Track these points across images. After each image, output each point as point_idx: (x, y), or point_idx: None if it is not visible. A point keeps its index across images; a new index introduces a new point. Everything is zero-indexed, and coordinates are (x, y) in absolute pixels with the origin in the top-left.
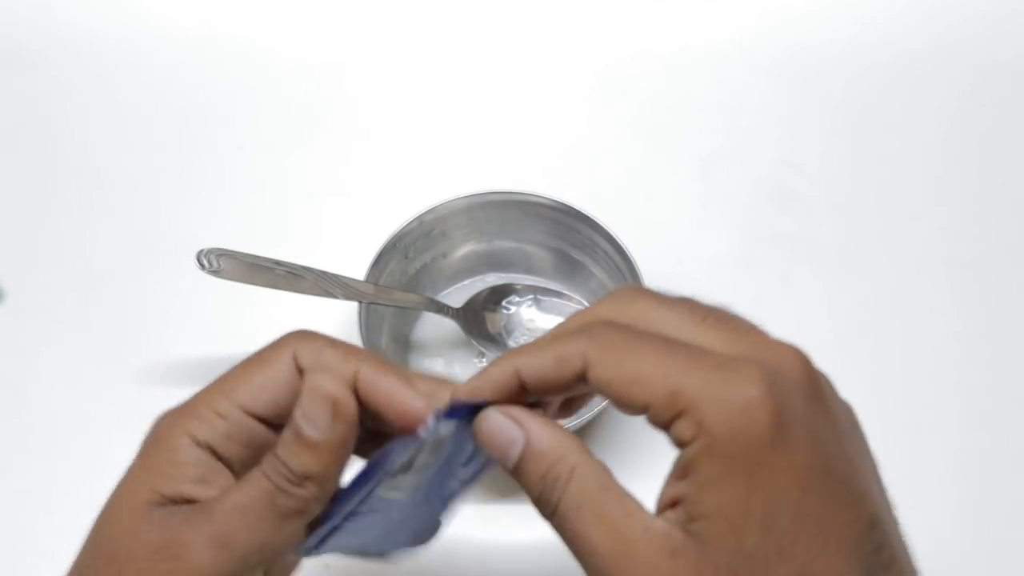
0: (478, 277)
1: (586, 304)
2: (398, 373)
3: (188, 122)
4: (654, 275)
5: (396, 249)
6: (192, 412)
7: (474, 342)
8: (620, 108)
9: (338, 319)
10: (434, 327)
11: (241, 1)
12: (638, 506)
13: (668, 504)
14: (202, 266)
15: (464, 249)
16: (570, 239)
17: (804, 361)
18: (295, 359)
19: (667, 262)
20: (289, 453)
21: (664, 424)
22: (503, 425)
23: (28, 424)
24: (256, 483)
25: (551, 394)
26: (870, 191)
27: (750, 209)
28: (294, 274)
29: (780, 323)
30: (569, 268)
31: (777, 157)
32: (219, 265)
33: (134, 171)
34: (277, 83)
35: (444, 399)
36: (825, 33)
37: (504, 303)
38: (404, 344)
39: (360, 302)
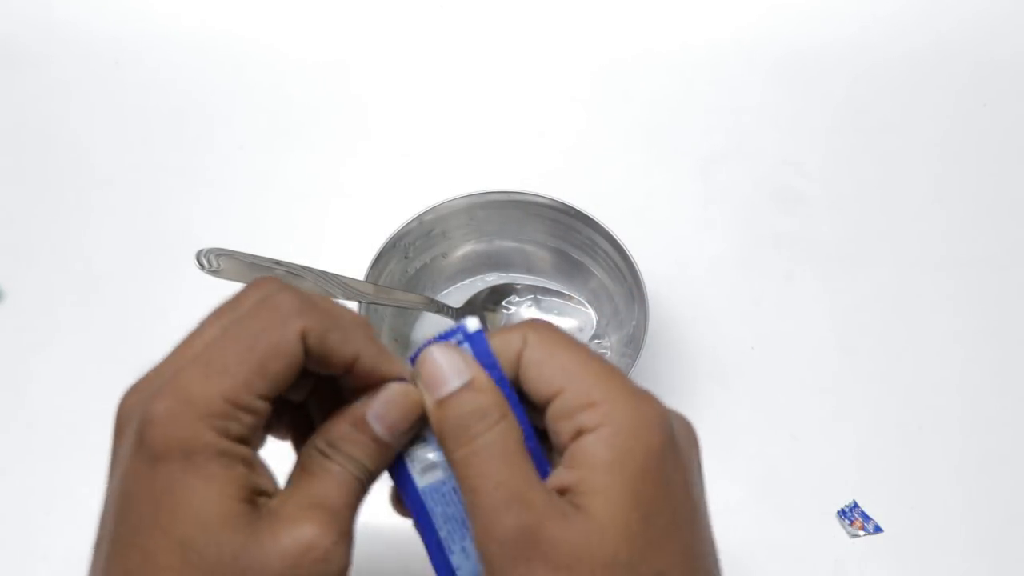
0: (478, 277)
1: (586, 304)
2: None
3: (188, 122)
4: (654, 275)
5: (396, 249)
6: (208, 404)
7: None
8: (620, 108)
9: None
10: (434, 327)
11: (242, 2)
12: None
13: (561, 487)
14: (202, 266)
15: (464, 249)
16: (570, 239)
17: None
18: (303, 339)
19: (667, 262)
20: (365, 455)
21: (568, 411)
22: (454, 358)
23: (28, 424)
24: (345, 480)
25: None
26: (871, 191)
27: (751, 209)
28: (294, 274)
29: (781, 323)
30: (569, 268)
31: (778, 157)
32: (219, 265)
33: (134, 171)
34: (277, 83)
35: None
36: (825, 33)
37: (504, 303)
38: (404, 344)
39: (360, 302)
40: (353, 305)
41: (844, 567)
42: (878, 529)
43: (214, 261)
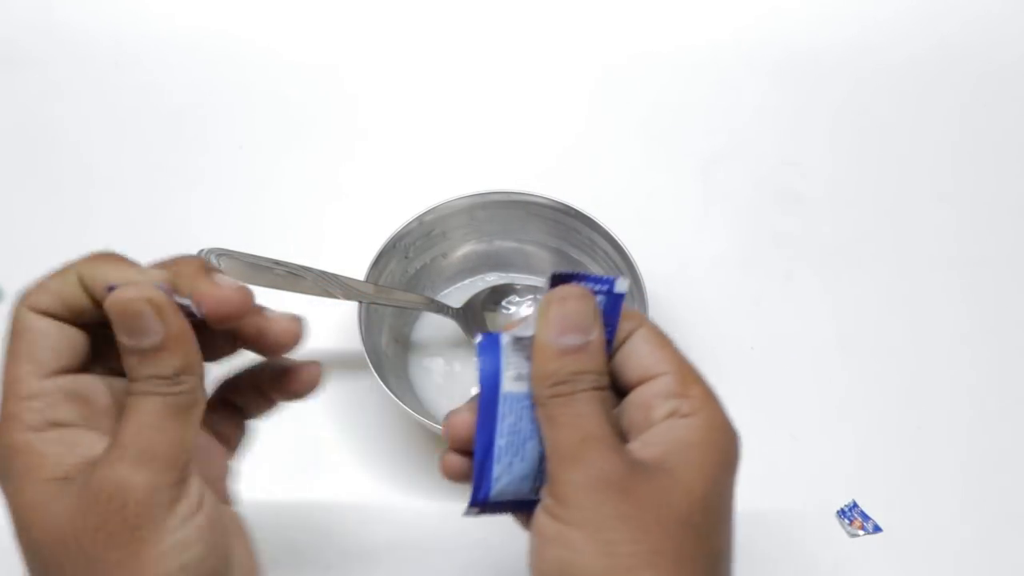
0: (478, 277)
1: None
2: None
3: (188, 122)
4: (655, 275)
5: (396, 249)
6: (6, 417)
7: (474, 342)
8: (621, 108)
9: (338, 319)
10: (434, 327)
11: (241, 2)
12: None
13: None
14: None
15: (464, 249)
16: (570, 239)
17: None
18: (40, 313)
19: (668, 262)
20: (151, 367)
21: (668, 394)
22: (587, 310)
23: None
24: (141, 403)
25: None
26: (871, 191)
27: (751, 209)
28: (294, 274)
29: (781, 322)
30: (569, 268)
31: (778, 157)
32: (219, 265)
33: (134, 171)
34: (277, 83)
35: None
36: (826, 35)
37: (504, 303)
38: (404, 344)
39: (360, 302)
40: (353, 305)
41: (843, 567)
42: (877, 529)
43: (214, 261)
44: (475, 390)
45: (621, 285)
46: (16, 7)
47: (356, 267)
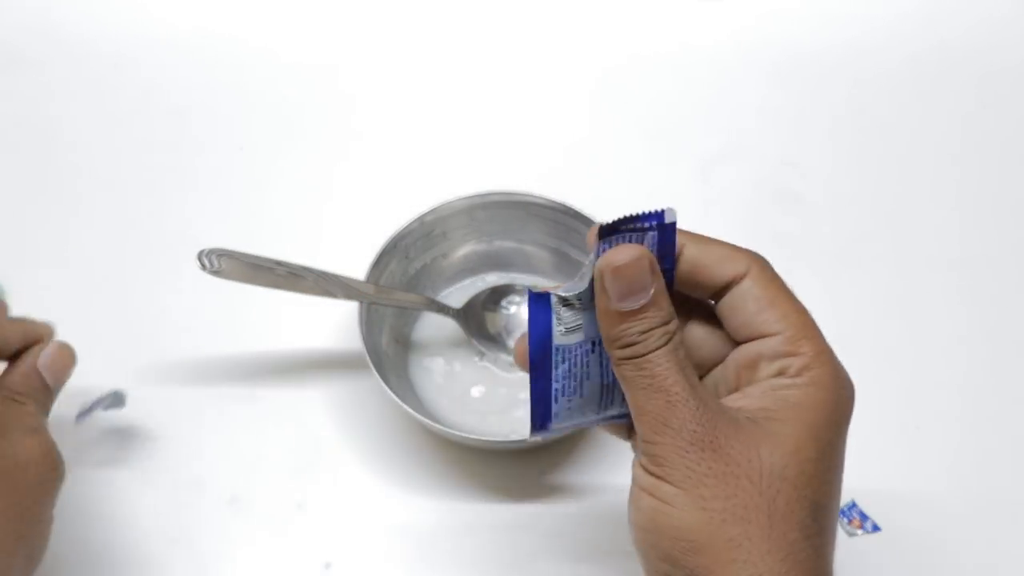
0: (478, 277)
1: None
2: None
3: (188, 123)
4: None
5: (397, 249)
6: None
7: (474, 342)
8: (621, 108)
9: (338, 319)
10: (434, 327)
11: (242, 4)
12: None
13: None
14: (203, 266)
15: (464, 249)
16: (570, 239)
17: None
18: None
19: None
20: (26, 388)
21: (776, 353)
22: (644, 268)
23: None
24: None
25: (690, 287)
26: (870, 192)
27: (751, 209)
28: (294, 274)
29: None
30: (569, 268)
31: (778, 158)
32: (219, 265)
33: (134, 172)
34: (278, 84)
35: None
36: (826, 36)
37: (504, 303)
38: (404, 344)
39: (360, 302)
40: (354, 305)
41: (842, 566)
42: (876, 528)
43: (215, 261)
44: (476, 390)
45: (670, 215)
46: (15, 9)
47: (356, 267)
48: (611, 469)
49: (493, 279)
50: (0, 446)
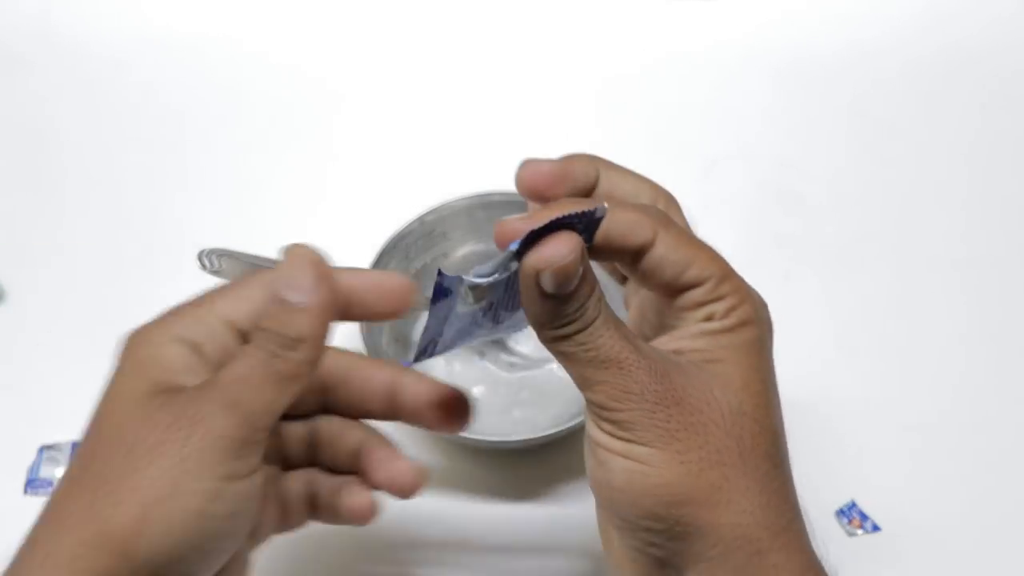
0: None
1: None
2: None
3: (188, 123)
4: None
5: (397, 249)
6: (172, 319)
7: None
8: (625, 111)
9: None
10: None
11: (238, 6)
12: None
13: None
14: (203, 266)
15: (464, 249)
16: None
17: None
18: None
19: None
20: (279, 323)
21: (702, 301)
22: (579, 260)
23: (28, 424)
24: (253, 354)
25: (606, 253)
26: (872, 193)
27: (754, 211)
28: None
29: (782, 322)
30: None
31: (780, 159)
32: (220, 265)
33: (134, 172)
34: (278, 84)
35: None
36: (828, 39)
37: None
38: (404, 344)
39: None
40: None
41: (843, 566)
42: (876, 528)
43: (215, 261)
44: (477, 389)
45: (601, 211)
46: (15, 10)
47: (356, 267)
48: None
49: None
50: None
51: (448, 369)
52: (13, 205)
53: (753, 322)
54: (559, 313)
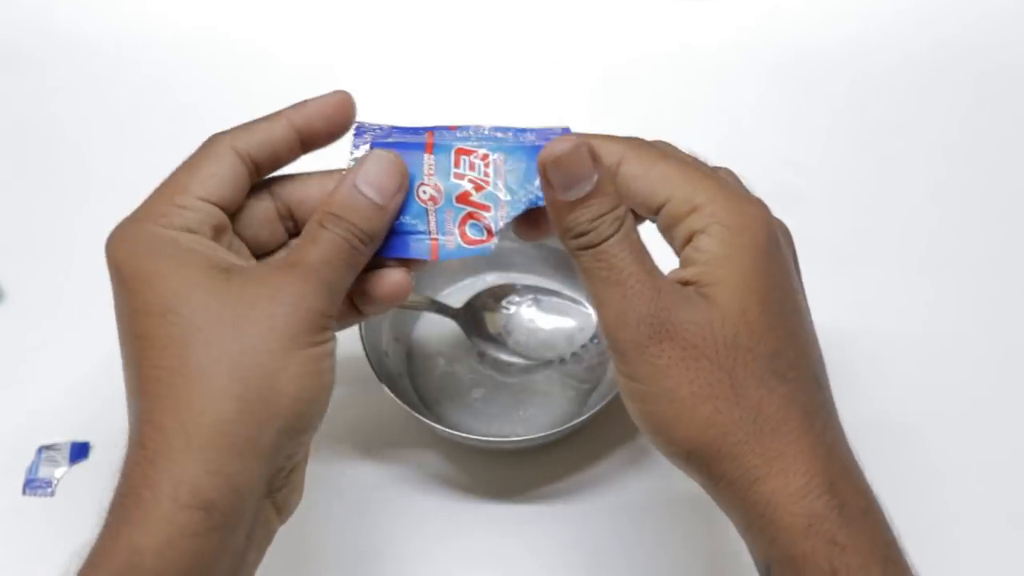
0: (478, 277)
1: (586, 304)
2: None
3: (188, 122)
4: None
5: None
6: (153, 212)
7: (474, 342)
8: (620, 107)
9: None
10: (434, 327)
11: (242, 4)
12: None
13: (684, 279)
14: None
15: None
16: None
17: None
18: (234, 149)
19: (668, 261)
20: (360, 217)
21: (677, 217)
22: (584, 158)
23: (28, 424)
24: (332, 240)
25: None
26: (869, 191)
27: None
28: None
29: None
30: (569, 268)
31: (777, 157)
32: None
33: (134, 171)
34: (277, 84)
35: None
36: (825, 35)
37: (504, 303)
38: (404, 344)
39: None
40: None
41: None
42: None
43: None
44: (478, 389)
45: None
46: (17, 8)
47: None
48: (611, 469)
49: (493, 279)
50: (228, 287)
51: (448, 369)
52: (13, 204)
53: (739, 229)
54: (574, 220)
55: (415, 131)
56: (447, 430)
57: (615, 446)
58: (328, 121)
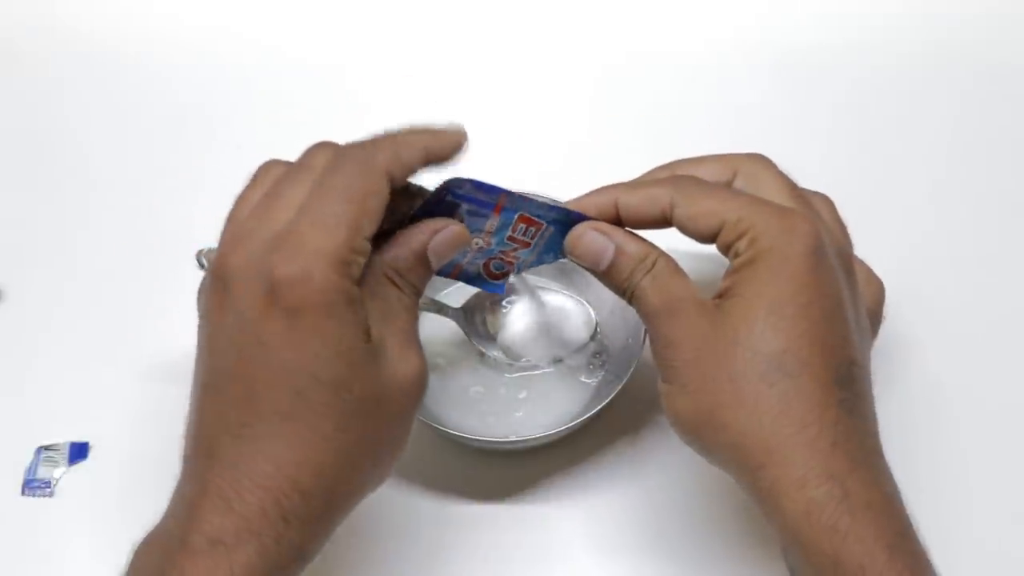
0: None
1: (586, 305)
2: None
3: (188, 122)
4: None
5: None
6: (337, 259)
7: (474, 342)
8: (622, 107)
9: None
10: (434, 327)
11: (245, 2)
12: (693, 284)
13: (719, 295)
14: (202, 266)
15: None
16: None
17: (839, 221)
18: (389, 176)
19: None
20: (421, 282)
21: (729, 243)
22: (596, 239)
23: (28, 424)
24: (413, 307)
25: (637, 225)
26: (871, 190)
27: None
28: None
29: None
30: (569, 268)
31: (778, 156)
32: None
33: (134, 171)
34: (277, 84)
35: None
36: (826, 34)
37: (504, 303)
38: None
39: None
40: None
41: None
42: None
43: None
44: (477, 389)
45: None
46: (17, 6)
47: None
48: (611, 469)
49: None
50: (378, 364)
51: (448, 369)
52: (13, 204)
53: (771, 248)
54: (617, 281)
55: (491, 190)
56: (447, 430)
57: (615, 446)
58: (450, 155)
